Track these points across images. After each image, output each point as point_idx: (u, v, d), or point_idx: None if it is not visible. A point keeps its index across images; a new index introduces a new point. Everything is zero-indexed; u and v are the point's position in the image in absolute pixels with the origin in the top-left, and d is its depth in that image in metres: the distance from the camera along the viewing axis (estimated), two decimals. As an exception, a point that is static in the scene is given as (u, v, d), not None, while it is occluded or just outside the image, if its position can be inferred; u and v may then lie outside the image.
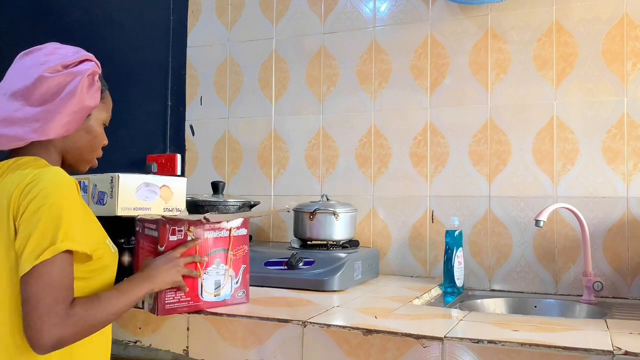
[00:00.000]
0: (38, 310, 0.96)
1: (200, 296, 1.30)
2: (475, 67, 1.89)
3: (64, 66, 1.10)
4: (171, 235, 1.26)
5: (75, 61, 1.12)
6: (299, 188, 2.11)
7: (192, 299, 1.28)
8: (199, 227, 1.30)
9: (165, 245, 1.26)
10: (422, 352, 1.08)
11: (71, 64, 1.11)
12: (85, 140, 1.16)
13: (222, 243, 1.34)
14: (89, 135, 1.17)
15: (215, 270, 1.32)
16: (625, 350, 0.98)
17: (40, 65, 1.09)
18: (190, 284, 1.28)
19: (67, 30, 2.52)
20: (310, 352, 1.18)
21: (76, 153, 1.16)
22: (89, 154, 1.19)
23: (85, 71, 1.11)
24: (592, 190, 1.72)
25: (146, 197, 1.50)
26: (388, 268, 1.96)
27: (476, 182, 1.86)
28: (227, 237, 1.35)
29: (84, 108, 1.12)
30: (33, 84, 1.07)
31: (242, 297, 1.38)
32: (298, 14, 2.15)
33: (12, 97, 1.08)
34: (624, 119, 1.70)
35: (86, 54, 1.16)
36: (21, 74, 1.09)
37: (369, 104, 2.03)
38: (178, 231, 1.27)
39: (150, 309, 1.28)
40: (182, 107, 2.33)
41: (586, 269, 1.63)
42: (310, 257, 1.63)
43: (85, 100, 1.11)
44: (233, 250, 1.36)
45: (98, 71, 1.16)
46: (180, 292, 1.27)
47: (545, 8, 1.80)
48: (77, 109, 1.10)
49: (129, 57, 2.44)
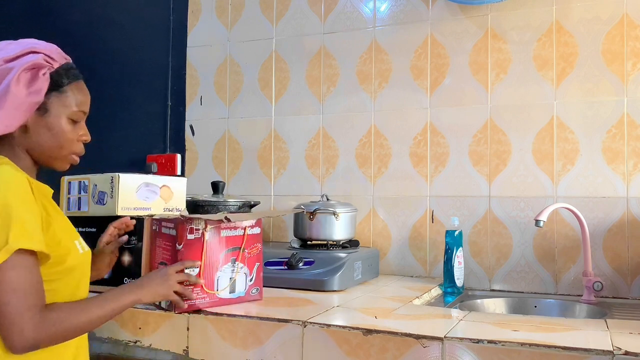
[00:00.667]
0: (9, 316, 0.94)
1: (218, 294, 1.33)
2: (475, 67, 1.89)
3: (5, 60, 1.04)
4: (189, 234, 1.29)
5: (18, 54, 1.05)
6: (299, 188, 2.11)
7: (209, 296, 1.31)
8: (214, 226, 1.32)
9: (183, 243, 1.27)
10: (422, 352, 1.08)
11: (12, 58, 1.05)
12: (48, 137, 1.09)
13: (236, 241, 1.37)
14: (50, 132, 1.09)
15: (230, 268, 1.35)
16: (625, 350, 0.98)
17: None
18: (208, 281, 1.30)
19: (67, 31, 2.52)
20: (310, 352, 1.18)
21: (42, 151, 1.10)
22: (57, 151, 1.11)
23: (25, 64, 1.04)
24: (592, 190, 1.72)
25: (146, 197, 1.50)
26: (388, 268, 1.96)
27: (476, 182, 1.86)
28: (242, 236, 1.38)
29: (24, 103, 1.04)
30: None
31: (256, 294, 1.41)
32: (298, 14, 2.15)
33: None
34: (624, 119, 1.70)
35: (36, 46, 1.08)
36: None
37: (369, 104, 2.03)
38: (195, 230, 1.30)
39: (168, 305, 1.30)
40: (182, 107, 2.34)
41: (586, 269, 1.63)
42: (310, 257, 1.63)
43: (22, 95, 1.03)
44: (247, 249, 1.39)
45: (49, 64, 1.08)
46: (198, 289, 1.28)
47: (545, 8, 1.80)
48: (15, 104, 1.02)
49: (129, 57, 2.44)
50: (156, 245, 1.37)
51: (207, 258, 1.31)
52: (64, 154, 1.12)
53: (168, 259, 1.31)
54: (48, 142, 1.09)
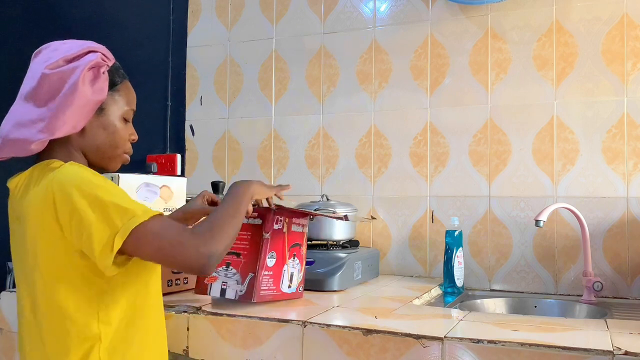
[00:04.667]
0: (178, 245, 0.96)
1: (281, 286, 1.37)
2: (475, 67, 1.89)
3: (66, 60, 1.05)
4: (275, 224, 1.34)
5: (78, 53, 1.06)
6: (299, 188, 2.11)
7: (276, 289, 1.35)
8: (294, 220, 1.38)
9: (270, 232, 1.32)
10: (422, 352, 1.08)
11: (73, 57, 1.06)
12: (103, 137, 1.10)
13: (299, 238, 1.42)
14: (106, 132, 1.10)
15: (292, 262, 1.40)
16: (625, 350, 0.98)
17: (43, 63, 1.05)
18: (276, 274, 1.35)
19: (67, 31, 2.51)
20: (310, 352, 1.18)
21: (97, 151, 1.10)
22: (112, 151, 1.12)
23: (88, 63, 1.05)
24: (592, 190, 1.72)
25: (146, 197, 1.51)
26: (388, 268, 1.96)
27: (476, 182, 1.86)
28: (302, 233, 1.43)
29: (90, 102, 1.05)
30: (38, 83, 1.04)
31: (301, 292, 1.45)
32: (298, 14, 2.15)
33: (25, 100, 1.05)
34: (624, 119, 1.70)
35: (92, 46, 1.09)
36: (30, 76, 1.07)
37: (369, 104, 2.03)
38: (280, 220, 1.35)
39: (242, 295, 1.30)
40: (182, 107, 2.34)
41: (586, 269, 1.63)
42: (310, 257, 1.63)
43: (88, 94, 1.04)
44: (304, 246, 1.44)
45: (106, 62, 1.10)
46: (270, 281, 1.32)
47: (545, 8, 1.80)
48: (81, 103, 1.03)
49: (129, 57, 2.42)
50: None
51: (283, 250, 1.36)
52: (118, 153, 1.13)
53: (244, 248, 1.32)
54: (104, 141, 1.10)
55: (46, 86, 1.03)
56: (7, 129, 1.04)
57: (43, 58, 1.07)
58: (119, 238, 0.93)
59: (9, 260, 1.34)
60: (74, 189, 0.96)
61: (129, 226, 0.94)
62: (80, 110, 1.04)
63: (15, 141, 1.03)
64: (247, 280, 1.30)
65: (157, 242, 0.96)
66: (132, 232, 0.94)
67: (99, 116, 1.09)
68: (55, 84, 1.03)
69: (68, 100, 1.02)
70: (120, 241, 0.94)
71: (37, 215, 0.99)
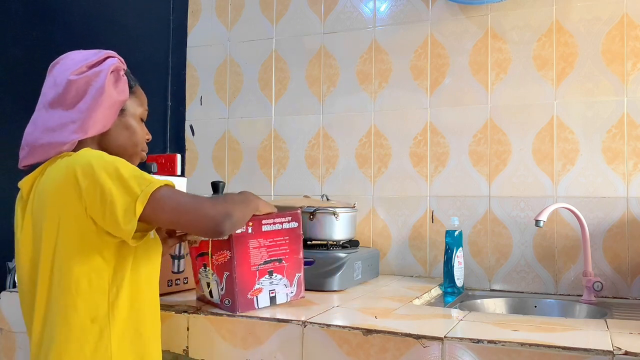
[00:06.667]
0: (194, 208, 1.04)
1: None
2: (475, 67, 1.89)
3: (89, 66, 1.14)
4: None
5: (99, 59, 1.16)
6: (299, 188, 2.11)
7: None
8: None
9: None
10: (422, 352, 1.08)
11: (95, 63, 1.15)
12: (125, 136, 1.20)
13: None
14: (127, 131, 1.20)
15: None
16: (625, 350, 0.98)
17: (66, 71, 1.14)
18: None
19: (67, 31, 2.52)
20: (310, 352, 1.18)
21: (119, 150, 1.18)
22: (132, 149, 1.22)
23: (109, 67, 1.15)
24: (592, 190, 1.73)
25: (146, 197, 1.50)
26: (388, 268, 1.96)
27: (476, 182, 1.86)
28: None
29: (116, 102, 1.15)
30: (64, 89, 1.12)
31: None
32: (298, 14, 2.15)
33: (50, 108, 1.12)
34: (624, 119, 1.70)
35: (108, 52, 1.19)
36: (52, 85, 1.14)
37: (369, 104, 2.03)
38: None
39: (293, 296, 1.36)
40: (182, 107, 2.34)
41: (586, 269, 1.63)
42: (310, 257, 1.63)
43: (114, 95, 1.14)
44: None
45: (123, 66, 1.20)
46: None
47: (545, 8, 1.80)
48: (109, 103, 1.13)
49: (129, 57, 2.41)
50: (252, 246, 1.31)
51: None
52: (137, 151, 1.24)
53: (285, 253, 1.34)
54: (126, 140, 1.20)
55: (73, 91, 1.12)
56: (36, 135, 1.11)
57: (63, 67, 1.15)
58: (139, 203, 1.00)
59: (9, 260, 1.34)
60: (95, 165, 1.03)
61: (148, 191, 1.01)
62: (108, 111, 1.14)
63: (48, 145, 1.10)
64: (295, 281, 1.36)
65: (175, 204, 1.04)
66: (151, 197, 1.01)
67: (121, 117, 1.19)
68: (82, 88, 1.12)
69: (97, 102, 1.11)
70: (141, 206, 1.00)
71: (58, 192, 1.04)
